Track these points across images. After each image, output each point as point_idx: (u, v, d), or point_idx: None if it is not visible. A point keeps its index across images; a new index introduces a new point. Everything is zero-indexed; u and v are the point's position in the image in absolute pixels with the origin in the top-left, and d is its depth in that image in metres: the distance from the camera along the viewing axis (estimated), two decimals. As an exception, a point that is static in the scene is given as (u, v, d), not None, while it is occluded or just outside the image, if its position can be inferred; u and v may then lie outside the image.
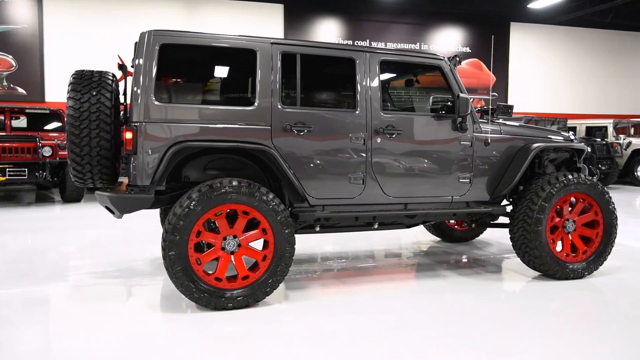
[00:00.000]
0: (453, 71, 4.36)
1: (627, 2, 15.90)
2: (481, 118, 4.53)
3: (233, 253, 3.68)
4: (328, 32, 16.43)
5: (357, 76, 4.07)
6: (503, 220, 4.99)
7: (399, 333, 3.31)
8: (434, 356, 2.97)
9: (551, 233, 4.43)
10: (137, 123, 3.57)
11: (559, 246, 4.56)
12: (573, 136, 4.96)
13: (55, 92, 13.89)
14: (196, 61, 4.02)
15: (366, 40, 16.60)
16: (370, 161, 4.08)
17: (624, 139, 13.70)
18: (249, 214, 3.67)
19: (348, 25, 16.69)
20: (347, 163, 4.03)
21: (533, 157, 4.52)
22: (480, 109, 4.62)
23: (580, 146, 4.76)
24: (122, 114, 4.12)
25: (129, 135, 3.56)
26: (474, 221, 4.86)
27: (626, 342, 3.19)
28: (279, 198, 3.91)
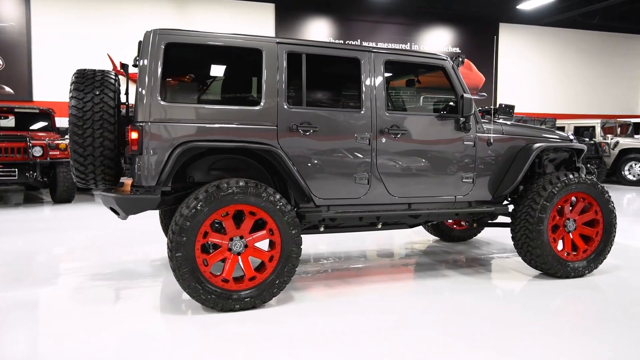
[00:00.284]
0: (456, 71, 4.38)
1: (613, 5, 16.15)
2: (482, 118, 4.56)
3: (240, 254, 3.66)
4: (319, 32, 16.42)
5: (362, 76, 4.07)
6: (501, 219, 5.04)
7: (401, 333, 3.30)
8: (436, 356, 2.96)
9: (552, 232, 4.48)
10: (143, 123, 3.53)
11: (560, 245, 4.60)
12: (572, 136, 5.00)
13: (43, 91, 13.71)
14: (201, 60, 3.98)
15: (357, 40, 16.62)
16: (375, 161, 4.08)
17: (612, 139, 13.90)
18: (256, 215, 3.64)
19: (339, 25, 16.71)
20: (353, 163, 4.03)
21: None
22: (482, 109, 4.65)
23: (580, 146, 4.81)
24: (123, 114, 4.07)
25: (135, 135, 3.52)
26: (475, 221, 4.89)
27: (629, 341, 3.21)
28: (284, 199, 3.89)
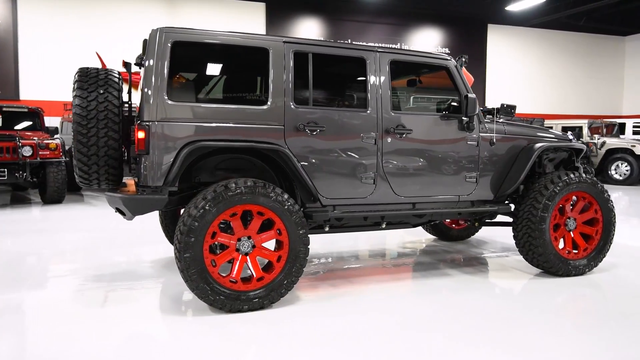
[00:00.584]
0: (459, 71, 4.40)
1: (599, 7, 16.40)
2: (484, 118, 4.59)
3: (247, 254, 3.63)
4: (309, 32, 16.40)
5: (368, 76, 4.08)
6: (500, 218, 5.08)
7: (407, 333, 3.29)
8: (439, 356, 2.95)
9: (554, 231, 4.52)
10: (149, 122, 3.48)
11: (561, 244, 4.65)
12: (571, 136, 5.07)
13: (30, 90, 13.49)
14: (208, 59, 3.94)
15: (347, 39, 16.64)
16: (381, 161, 4.09)
17: (599, 139, 14.11)
18: (264, 215, 3.62)
19: (329, 24, 16.72)
20: (359, 163, 4.03)
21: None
22: (483, 109, 4.68)
23: (579, 146, 4.88)
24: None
25: (141, 134, 3.48)
26: (477, 220, 4.92)
27: (629, 341, 3.24)
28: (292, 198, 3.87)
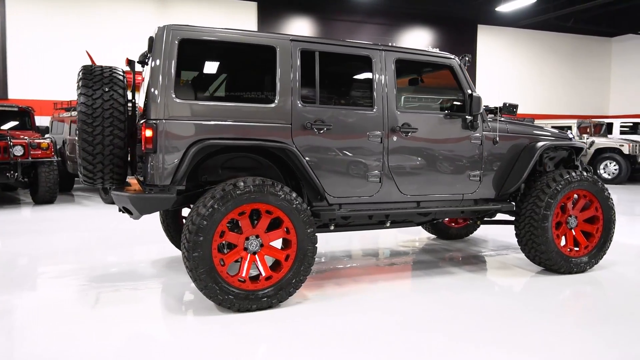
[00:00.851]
0: (463, 70, 4.42)
1: (587, 8, 16.60)
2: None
3: (255, 253, 3.62)
4: (301, 31, 16.39)
5: (374, 74, 4.08)
6: (500, 216, 5.11)
7: (405, 333, 3.27)
8: (441, 356, 2.95)
9: (556, 229, 4.57)
10: (157, 120, 3.45)
11: (562, 241, 4.70)
12: (571, 135, 5.12)
13: (19, 89, 13.29)
14: (215, 57, 3.91)
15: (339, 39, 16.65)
16: (387, 159, 4.09)
17: (588, 138, 14.29)
18: (272, 213, 3.61)
19: (320, 24, 16.73)
20: (365, 161, 4.03)
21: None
22: (486, 108, 4.71)
23: (580, 144, 4.93)
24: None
25: (149, 133, 3.44)
26: (479, 218, 4.95)
27: (635, 336, 3.27)
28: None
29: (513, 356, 2.94)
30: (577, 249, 4.68)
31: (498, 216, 5.06)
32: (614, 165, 13.80)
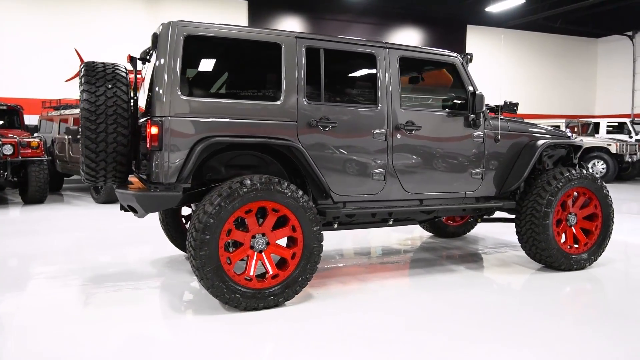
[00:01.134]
0: (466, 68, 4.44)
1: (574, 10, 16.80)
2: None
3: (262, 251, 3.59)
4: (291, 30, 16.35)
5: (378, 72, 4.08)
6: (499, 214, 5.14)
7: (409, 332, 3.27)
8: (443, 354, 2.95)
9: (556, 226, 4.61)
10: (162, 118, 3.41)
11: (562, 239, 4.74)
12: (570, 133, 5.18)
13: (6, 88, 13.06)
14: (220, 54, 3.88)
15: (329, 39, 16.66)
16: (391, 157, 4.09)
17: (575, 138, 14.48)
18: (279, 211, 3.59)
19: (311, 23, 16.71)
20: (370, 159, 4.02)
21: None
22: (487, 107, 4.73)
23: (579, 143, 4.98)
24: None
25: (155, 130, 3.40)
26: (480, 216, 4.98)
27: (636, 333, 3.30)
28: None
29: (513, 353, 2.95)
30: (577, 246, 4.73)
31: (500, 214, 5.10)
32: (602, 164, 13.99)
